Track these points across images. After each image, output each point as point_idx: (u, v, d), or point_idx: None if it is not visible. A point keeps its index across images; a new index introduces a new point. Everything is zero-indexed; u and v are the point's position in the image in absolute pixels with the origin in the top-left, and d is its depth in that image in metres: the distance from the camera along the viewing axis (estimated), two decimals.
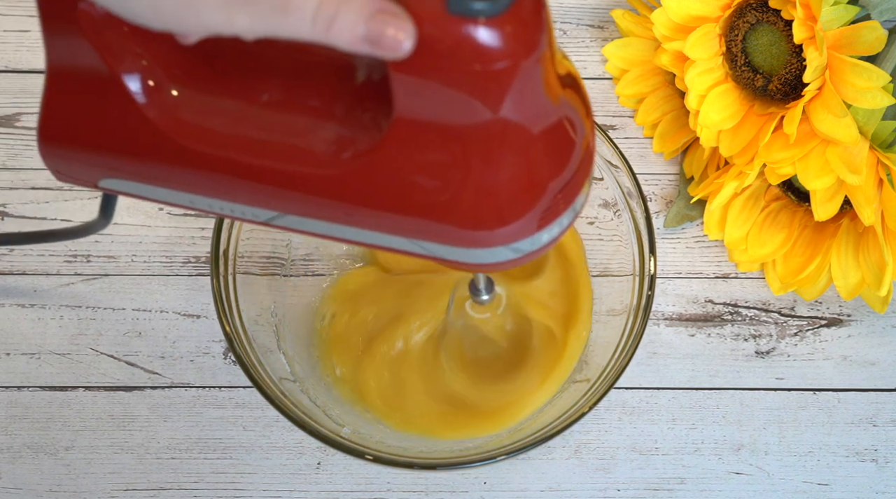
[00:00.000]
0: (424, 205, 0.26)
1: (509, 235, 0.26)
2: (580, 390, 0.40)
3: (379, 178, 0.25)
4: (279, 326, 0.44)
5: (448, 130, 0.24)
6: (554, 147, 0.25)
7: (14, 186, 0.49)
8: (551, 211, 0.26)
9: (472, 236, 0.26)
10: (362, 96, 0.26)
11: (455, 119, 0.23)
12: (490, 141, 0.24)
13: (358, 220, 0.27)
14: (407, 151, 0.25)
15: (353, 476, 0.45)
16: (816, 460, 0.45)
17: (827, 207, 0.42)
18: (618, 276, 0.43)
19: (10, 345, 0.47)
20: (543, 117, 0.24)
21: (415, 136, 0.24)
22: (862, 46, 0.39)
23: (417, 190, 0.25)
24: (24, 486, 0.44)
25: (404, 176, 0.25)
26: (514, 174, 0.25)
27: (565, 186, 0.26)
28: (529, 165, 0.25)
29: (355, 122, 0.26)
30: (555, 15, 0.54)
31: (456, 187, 0.25)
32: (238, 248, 0.41)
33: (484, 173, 0.25)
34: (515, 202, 0.25)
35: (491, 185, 0.25)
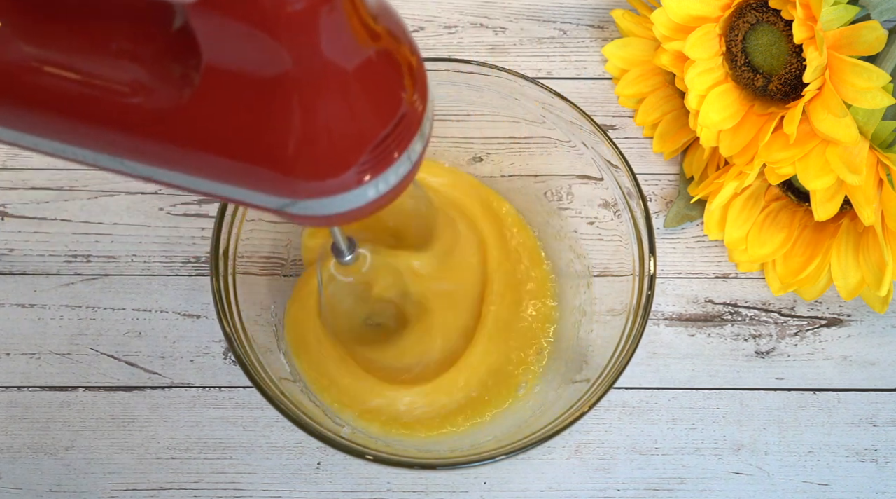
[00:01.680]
0: (240, 152, 0.26)
1: (325, 186, 0.26)
2: (580, 389, 0.40)
3: (194, 125, 0.25)
4: (279, 326, 0.44)
5: (255, 78, 0.24)
6: (369, 98, 0.25)
7: (14, 186, 0.49)
8: (371, 165, 0.26)
9: (289, 185, 0.26)
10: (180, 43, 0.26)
11: (259, 65, 0.24)
12: (295, 88, 0.24)
13: (180, 165, 0.27)
14: (219, 98, 0.25)
15: (353, 476, 0.45)
16: (816, 460, 0.45)
17: (827, 207, 0.42)
18: (618, 276, 0.43)
19: (10, 345, 0.47)
20: (348, 67, 0.24)
21: (226, 82, 0.24)
22: (862, 46, 0.39)
23: (233, 135, 0.25)
24: (24, 486, 0.44)
25: (220, 121, 0.25)
26: (323, 124, 0.25)
27: (383, 141, 0.26)
28: (340, 114, 0.25)
29: (170, 68, 0.26)
30: (555, 15, 0.54)
31: (266, 134, 0.25)
32: (238, 248, 0.41)
33: (292, 121, 0.24)
34: (323, 153, 0.25)
35: (301, 132, 0.25)
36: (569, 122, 0.43)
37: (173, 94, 0.26)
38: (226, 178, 0.27)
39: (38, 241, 0.49)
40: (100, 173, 0.50)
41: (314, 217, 0.28)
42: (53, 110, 0.27)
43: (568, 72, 0.53)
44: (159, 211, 0.49)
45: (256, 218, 0.42)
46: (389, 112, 0.26)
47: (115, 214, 0.49)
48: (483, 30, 0.54)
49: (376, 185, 0.27)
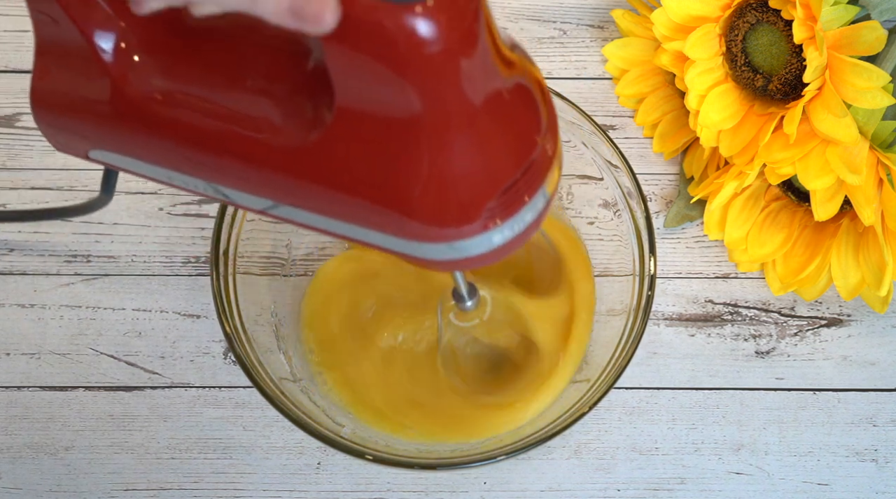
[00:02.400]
0: (365, 192, 0.25)
1: (451, 231, 0.25)
2: (580, 389, 0.40)
3: (324, 162, 0.25)
4: (279, 326, 0.44)
5: (387, 120, 0.23)
6: (501, 142, 0.24)
7: (14, 186, 0.49)
8: (498, 210, 0.25)
9: (414, 229, 0.25)
10: (314, 80, 0.26)
11: (392, 107, 0.23)
12: (425, 131, 0.23)
13: (304, 202, 0.27)
14: (349, 138, 0.24)
15: (353, 476, 0.45)
16: (816, 460, 0.45)
17: (827, 207, 0.42)
18: (618, 276, 0.43)
19: (10, 345, 0.47)
20: (483, 111, 0.23)
21: (357, 123, 0.24)
22: (862, 46, 0.39)
23: (359, 176, 0.25)
24: (24, 486, 0.44)
25: (348, 162, 0.25)
26: (452, 168, 0.24)
27: (513, 186, 0.25)
28: (470, 159, 0.24)
29: (303, 105, 0.26)
30: (555, 15, 0.54)
31: (394, 177, 0.24)
32: (238, 248, 0.41)
33: (421, 164, 0.24)
34: (451, 197, 0.24)
35: (428, 176, 0.24)
36: (569, 123, 0.43)
37: (304, 133, 0.25)
38: (350, 217, 0.26)
39: (38, 241, 0.49)
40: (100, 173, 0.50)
41: (438, 261, 0.27)
42: (187, 144, 0.27)
43: (568, 72, 0.53)
44: (159, 211, 0.49)
45: (256, 218, 0.42)
46: (521, 155, 0.25)
47: (115, 214, 0.49)
48: None
49: (503, 231, 0.26)
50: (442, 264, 0.27)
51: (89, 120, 0.29)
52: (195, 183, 0.29)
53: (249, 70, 0.27)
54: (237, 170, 0.27)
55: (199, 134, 0.27)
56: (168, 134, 0.27)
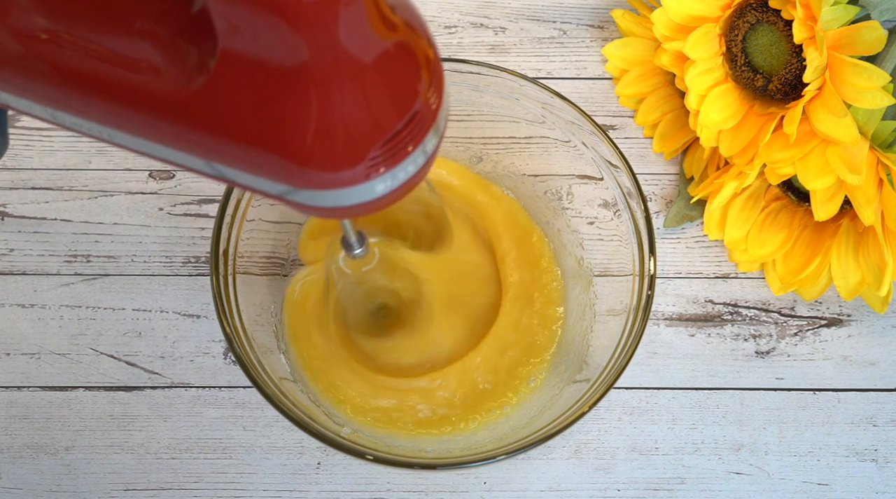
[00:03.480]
0: (248, 138, 0.25)
1: (335, 177, 0.26)
2: (580, 389, 0.40)
3: (208, 108, 0.25)
4: (279, 326, 0.44)
5: (268, 66, 0.24)
6: (384, 91, 0.25)
7: (14, 186, 0.49)
8: (382, 159, 0.26)
9: (299, 174, 0.26)
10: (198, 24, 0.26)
11: (273, 53, 0.23)
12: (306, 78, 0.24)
13: (187, 146, 0.27)
14: (232, 85, 0.25)
15: (353, 476, 0.45)
16: (816, 460, 0.45)
17: (827, 207, 0.42)
18: (618, 276, 0.43)
19: (10, 345, 0.47)
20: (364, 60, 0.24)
21: (239, 70, 0.24)
22: (862, 46, 0.39)
23: (243, 122, 0.25)
24: (24, 486, 0.44)
25: (231, 108, 0.25)
26: (335, 115, 0.24)
27: (395, 136, 0.25)
28: (353, 107, 0.24)
29: (186, 50, 0.26)
30: (555, 15, 0.54)
31: (277, 123, 0.25)
32: (238, 248, 0.41)
33: (303, 111, 0.24)
34: (335, 144, 0.25)
35: (311, 122, 0.24)
36: (569, 123, 0.43)
37: (188, 77, 0.26)
38: (235, 163, 0.27)
39: (38, 241, 0.49)
40: (100, 173, 0.50)
41: (322, 208, 0.27)
42: (67, 83, 0.27)
43: (568, 72, 0.53)
44: (159, 211, 0.49)
45: (256, 218, 0.42)
46: (404, 106, 0.25)
47: (115, 214, 0.49)
48: (483, 30, 0.54)
49: (386, 179, 0.26)
50: (326, 211, 0.28)
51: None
52: (80, 124, 0.29)
53: (135, 11, 0.27)
54: (120, 113, 0.27)
55: (80, 74, 0.27)
56: (49, 73, 0.27)
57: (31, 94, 0.29)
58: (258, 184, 0.27)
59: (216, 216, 0.40)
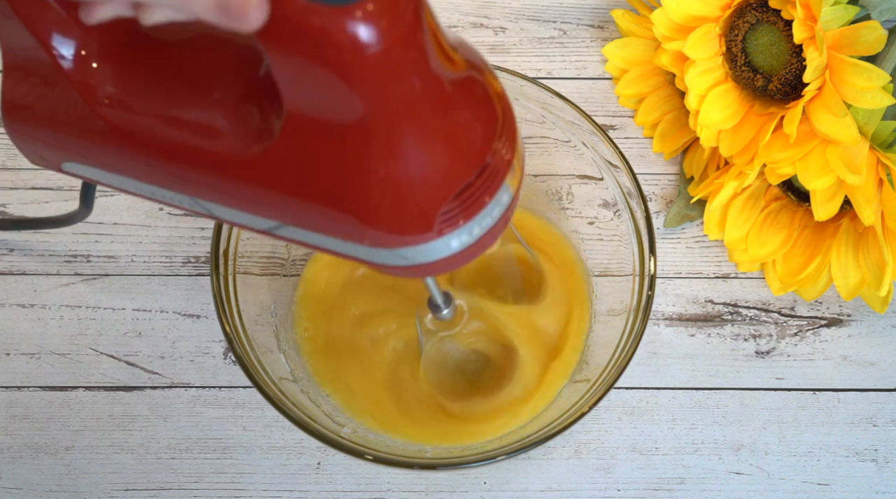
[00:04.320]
0: (316, 197, 0.25)
1: (406, 237, 0.25)
2: (580, 389, 0.40)
3: (278, 169, 0.25)
4: (279, 326, 0.44)
5: (334, 124, 0.23)
6: (451, 144, 0.24)
7: (14, 186, 0.49)
8: (454, 215, 0.25)
9: (365, 234, 0.25)
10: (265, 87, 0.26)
11: (337, 112, 0.23)
12: (370, 135, 0.23)
13: (263, 210, 0.27)
14: (300, 145, 0.24)
15: (353, 476, 0.45)
16: (816, 460, 0.45)
17: (827, 207, 0.42)
18: (618, 276, 0.43)
19: (10, 345, 0.47)
20: (428, 113, 0.23)
21: (306, 129, 0.24)
22: (862, 46, 0.39)
23: (311, 182, 0.25)
24: (24, 486, 0.44)
25: (299, 168, 0.25)
26: (401, 172, 0.24)
27: (467, 189, 0.24)
28: (419, 162, 0.23)
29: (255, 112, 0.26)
30: (555, 15, 0.54)
31: (344, 182, 0.24)
32: (238, 248, 0.41)
33: (369, 168, 0.23)
34: (402, 202, 0.24)
35: (378, 180, 0.24)
36: (569, 123, 0.43)
37: (258, 139, 0.25)
38: (307, 224, 0.26)
39: (38, 241, 0.49)
40: None
41: (398, 267, 0.26)
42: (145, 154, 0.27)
43: (568, 72, 0.53)
44: (159, 211, 0.49)
45: None
46: (474, 157, 0.24)
47: (115, 214, 0.49)
48: (483, 30, 0.54)
49: (461, 235, 0.26)
50: (404, 270, 0.27)
51: (56, 131, 0.28)
52: (164, 194, 0.29)
53: (204, 79, 0.27)
54: (197, 180, 0.27)
55: (155, 144, 0.27)
56: (126, 144, 0.27)
57: (113, 168, 0.29)
58: (331, 245, 0.26)
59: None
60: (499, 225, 0.27)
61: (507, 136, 0.25)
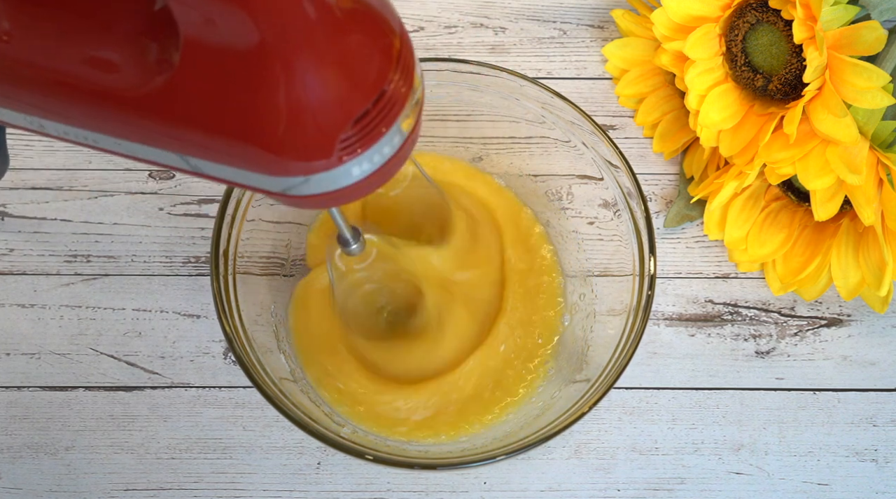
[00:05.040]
0: (217, 128, 0.25)
1: (308, 164, 0.25)
2: (580, 389, 0.40)
3: (177, 101, 0.25)
4: (279, 326, 0.44)
5: (231, 52, 0.23)
6: (347, 70, 0.24)
7: (14, 186, 0.49)
8: (354, 142, 0.25)
9: (267, 162, 0.25)
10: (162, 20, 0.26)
11: (233, 38, 0.23)
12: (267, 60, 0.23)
13: (162, 141, 0.27)
14: (198, 75, 0.24)
15: (353, 476, 0.45)
16: (816, 460, 0.45)
17: (827, 207, 0.42)
18: (618, 276, 0.43)
19: (10, 345, 0.47)
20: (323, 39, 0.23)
21: (203, 59, 0.24)
22: (862, 46, 0.39)
23: (211, 113, 0.25)
24: (24, 486, 0.44)
25: (199, 99, 0.25)
26: (299, 98, 0.24)
27: (365, 116, 0.25)
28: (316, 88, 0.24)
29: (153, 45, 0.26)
30: (555, 15, 0.54)
31: (244, 110, 0.24)
32: (238, 248, 0.41)
33: (267, 96, 0.24)
34: (303, 127, 0.24)
35: (277, 107, 0.24)
36: (569, 122, 0.43)
37: (156, 72, 0.26)
38: (210, 155, 0.26)
39: (38, 241, 0.49)
40: (100, 173, 0.50)
41: (302, 197, 0.27)
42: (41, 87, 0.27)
43: (568, 72, 0.53)
44: (159, 211, 0.49)
45: (256, 218, 0.42)
46: (370, 85, 0.25)
47: (115, 214, 0.49)
48: (483, 30, 0.54)
49: (361, 162, 0.26)
50: (308, 200, 0.27)
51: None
52: (62, 129, 0.28)
53: (100, 13, 0.27)
54: (94, 114, 0.27)
55: (53, 80, 0.27)
56: (23, 80, 0.27)
57: (8, 101, 0.29)
58: (239, 177, 0.27)
59: (216, 216, 0.40)
60: (398, 156, 0.27)
61: (403, 69, 0.26)
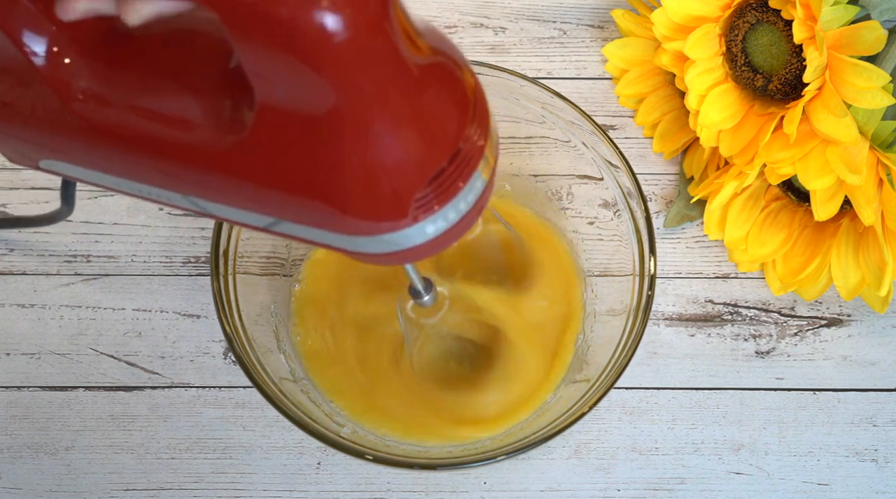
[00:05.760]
0: (289, 188, 0.25)
1: (382, 224, 0.25)
2: (580, 389, 0.40)
3: (252, 161, 0.25)
4: (279, 326, 0.44)
5: (306, 114, 0.23)
6: (422, 129, 0.24)
7: (14, 186, 0.49)
8: (428, 200, 0.25)
9: (341, 222, 0.25)
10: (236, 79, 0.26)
11: (308, 101, 0.23)
12: (341, 123, 0.23)
13: (233, 199, 0.27)
14: (272, 136, 0.24)
15: (353, 476, 0.45)
16: (816, 460, 0.45)
17: (827, 207, 0.42)
18: (618, 276, 0.43)
19: (10, 345, 0.47)
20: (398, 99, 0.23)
21: (278, 120, 0.24)
22: (862, 46, 0.39)
23: (284, 173, 0.25)
24: (24, 486, 0.44)
25: (273, 160, 0.25)
26: (373, 159, 0.24)
27: (440, 174, 0.25)
28: (391, 149, 0.24)
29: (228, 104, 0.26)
30: (555, 15, 0.54)
31: (317, 171, 0.24)
32: (238, 248, 0.41)
33: (341, 157, 0.24)
34: (377, 188, 0.24)
35: (350, 168, 0.24)
36: (569, 122, 0.43)
37: (231, 131, 0.25)
38: (282, 214, 0.26)
39: (38, 241, 0.49)
40: None
41: (377, 254, 0.27)
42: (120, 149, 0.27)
43: (568, 72, 0.53)
44: (159, 211, 0.49)
45: None
46: (446, 143, 0.25)
47: (115, 214, 0.49)
48: (483, 30, 0.54)
49: (437, 220, 0.26)
50: (380, 258, 0.27)
51: (31, 127, 0.29)
52: (140, 189, 0.29)
53: (177, 72, 0.27)
54: (168, 171, 0.27)
55: (128, 138, 0.27)
56: (100, 138, 0.27)
57: (89, 164, 0.29)
58: (311, 234, 0.27)
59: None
60: (474, 211, 0.27)
61: (479, 122, 0.26)
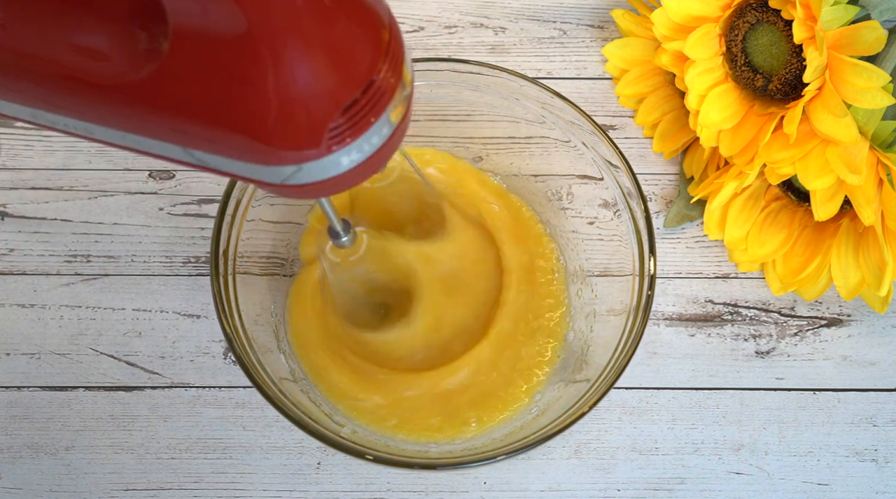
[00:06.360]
0: (205, 117, 0.25)
1: (297, 153, 0.25)
2: (580, 389, 0.40)
3: (165, 91, 0.25)
4: (279, 326, 0.44)
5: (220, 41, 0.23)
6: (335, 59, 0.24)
7: (14, 186, 0.49)
8: (343, 131, 0.25)
9: (256, 151, 0.25)
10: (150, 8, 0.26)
11: (222, 26, 0.23)
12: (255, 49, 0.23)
13: (149, 130, 0.27)
14: (186, 64, 0.24)
15: (353, 476, 0.45)
16: (816, 460, 0.45)
17: (827, 207, 0.42)
18: (618, 276, 0.43)
19: (10, 345, 0.47)
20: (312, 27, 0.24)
21: (192, 49, 0.24)
22: (862, 46, 0.39)
23: (199, 102, 0.25)
24: (24, 486, 0.44)
25: (187, 88, 0.25)
26: (288, 86, 0.24)
27: (354, 105, 0.25)
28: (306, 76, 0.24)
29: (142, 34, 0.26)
30: (555, 15, 0.54)
31: (232, 99, 0.25)
32: (238, 248, 0.41)
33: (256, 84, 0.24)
34: (292, 116, 0.24)
35: (266, 96, 0.24)
36: (569, 122, 0.43)
37: (144, 60, 0.26)
38: (200, 144, 0.26)
39: (38, 241, 0.49)
40: (99, 173, 0.50)
41: (291, 186, 0.27)
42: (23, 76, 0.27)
43: (568, 72, 0.53)
44: (159, 211, 0.49)
45: (256, 218, 0.42)
46: (359, 74, 0.25)
47: (115, 214, 0.49)
48: (483, 30, 0.54)
49: (350, 152, 0.26)
50: (298, 190, 0.27)
51: None
52: (54, 120, 0.28)
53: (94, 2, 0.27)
54: (83, 103, 0.27)
55: (40, 69, 0.27)
56: (10, 68, 0.27)
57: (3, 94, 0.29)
58: (224, 165, 0.27)
59: (216, 216, 0.40)
60: (386, 147, 0.27)
61: (392, 59, 0.26)
